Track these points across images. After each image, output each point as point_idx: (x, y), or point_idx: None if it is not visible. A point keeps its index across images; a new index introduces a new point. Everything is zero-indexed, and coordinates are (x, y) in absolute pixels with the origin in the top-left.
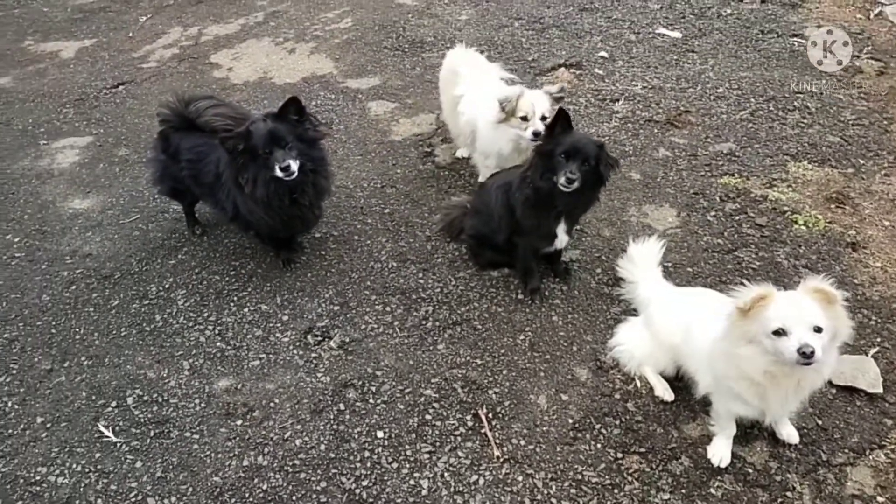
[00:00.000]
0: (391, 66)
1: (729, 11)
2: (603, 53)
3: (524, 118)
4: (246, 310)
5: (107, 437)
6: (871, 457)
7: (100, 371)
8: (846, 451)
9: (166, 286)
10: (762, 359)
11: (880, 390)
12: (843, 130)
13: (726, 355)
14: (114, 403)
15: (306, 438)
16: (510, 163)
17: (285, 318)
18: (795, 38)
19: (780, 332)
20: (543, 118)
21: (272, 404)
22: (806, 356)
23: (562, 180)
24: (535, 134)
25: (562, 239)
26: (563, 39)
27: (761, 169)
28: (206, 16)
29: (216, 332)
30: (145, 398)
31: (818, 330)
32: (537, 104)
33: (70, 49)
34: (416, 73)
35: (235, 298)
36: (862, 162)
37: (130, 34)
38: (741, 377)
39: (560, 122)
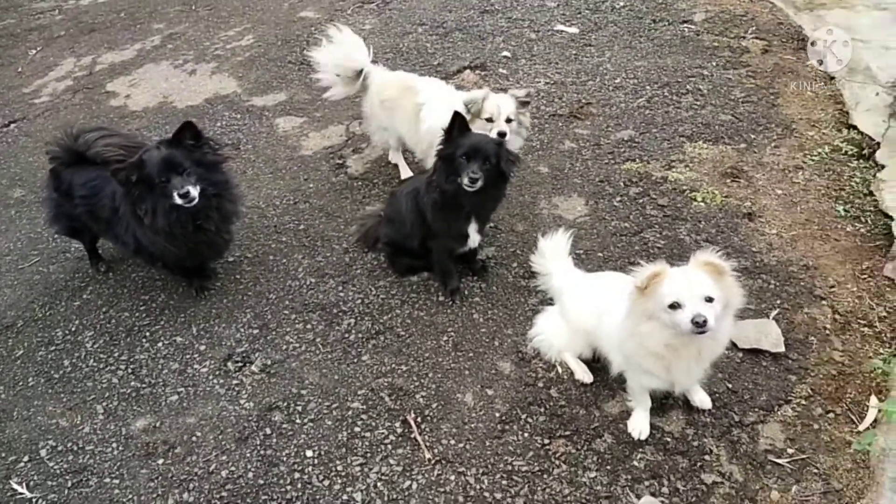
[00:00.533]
0: (297, 81)
1: (622, 4)
2: (506, 53)
3: (489, 119)
4: (160, 344)
5: (21, 493)
6: (779, 413)
7: (8, 426)
8: (756, 409)
9: (73, 329)
10: (662, 333)
11: (783, 349)
12: (733, 109)
13: (631, 333)
14: (26, 458)
15: (233, 468)
16: None
17: (202, 347)
18: (685, 25)
19: (675, 306)
20: (509, 120)
21: (194, 438)
22: (699, 325)
23: (465, 181)
24: (500, 134)
25: (474, 238)
26: (467, 42)
27: (660, 152)
28: (99, 44)
29: (129, 370)
30: (59, 448)
31: (710, 300)
32: (503, 106)
33: None
34: (322, 87)
35: (148, 334)
36: (753, 137)
37: (20, 69)
38: (646, 353)
39: (457, 124)
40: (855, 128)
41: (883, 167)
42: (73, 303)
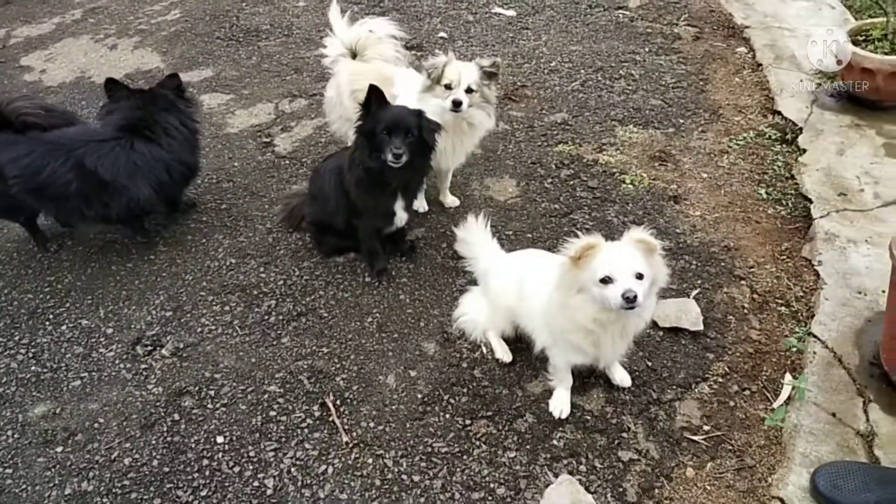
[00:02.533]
0: (225, 57)
1: None
2: (442, 34)
3: (448, 86)
4: (64, 327)
5: None
6: (696, 390)
7: None
8: (674, 387)
9: None
10: (591, 306)
11: (701, 328)
12: (664, 94)
13: (560, 306)
14: None
15: (136, 456)
16: (439, 147)
17: (110, 331)
18: (620, 11)
19: (606, 280)
20: (469, 90)
21: (96, 425)
22: (629, 301)
23: (389, 157)
24: (455, 103)
25: (401, 216)
26: (403, 22)
27: (592, 135)
28: (14, 17)
29: (30, 355)
30: None
31: (640, 277)
32: (464, 73)
33: None
34: (252, 63)
35: (52, 316)
36: (681, 121)
37: None
38: (575, 327)
39: (375, 98)
40: (779, 113)
41: (804, 151)
42: None
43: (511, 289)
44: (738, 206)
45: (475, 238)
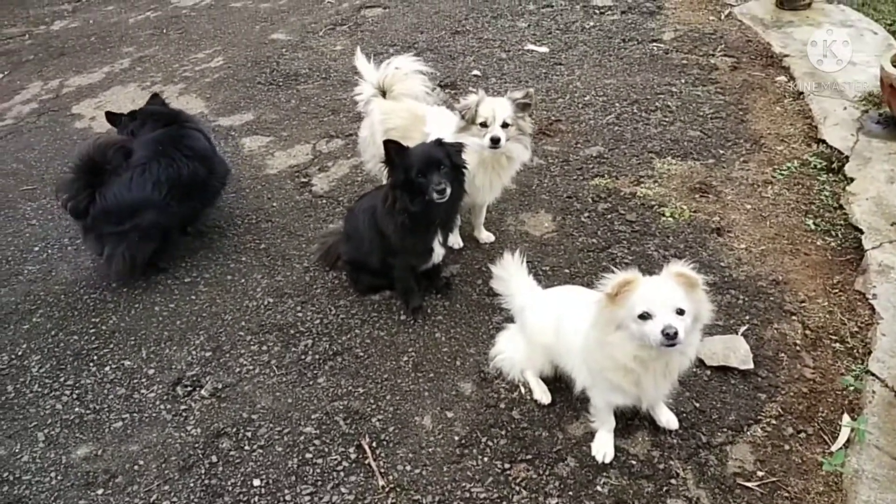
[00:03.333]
0: (265, 101)
1: (592, 24)
2: (476, 72)
3: (483, 124)
4: (107, 368)
5: None
6: (748, 433)
7: None
8: (725, 430)
9: (19, 353)
10: (630, 344)
11: (751, 366)
12: (702, 125)
13: (598, 343)
14: None
15: (174, 499)
16: (476, 183)
17: (151, 371)
18: (654, 44)
19: (645, 316)
20: (505, 125)
21: (136, 467)
22: (670, 337)
23: (434, 195)
24: (493, 140)
25: (438, 253)
26: (438, 61)
27: (629, 168)
28: (68, 68)
29: (74, 396)
30: None
31: (681, 312)
32: (498, 109)
33: None
34: (290, 106)
35: (96, 357)
36: (721, 152)
37: None
38: (614, 366)
39: (393, 150)
40: (824, 142)
41: (852, 180)
42: (22, 326)
43: (549, 326)
44: (784, 237)
45: (511, 274)
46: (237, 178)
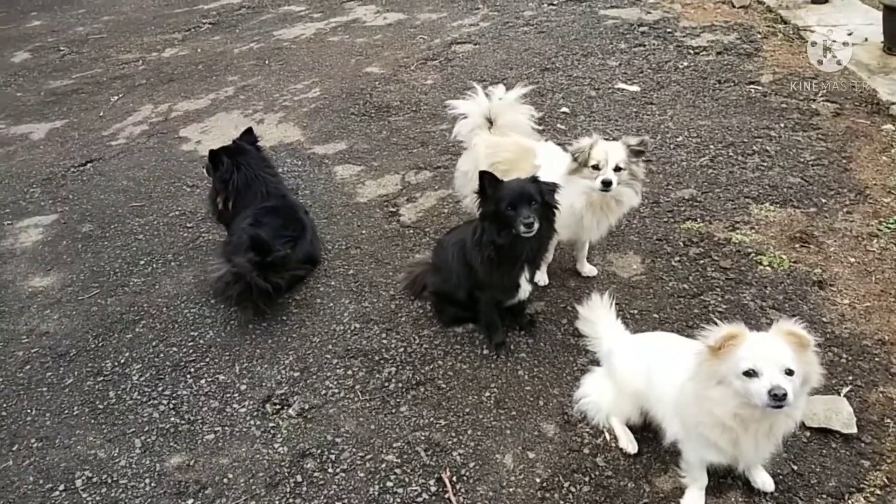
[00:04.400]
0: (357, 131)
1: (686, 64)
2: (564, 109)
3: (595, 167)
4: (203, 381)
5: None
6: (850, 502)
7: (49, 453)
8: (824, 496)
9: (122, 361)
10: (732, 401)
11: (855, 430)
12: (803, 171)
13: (696, 397)
14: (62, 487)
15: None
16: (584, 223)
17: (243, 387)
18: (751, 86)
19: (750, 374)
20: (618, 169)
21: (225, 480)
22: (777, 398)
23: (521, 228)
24: (605, 183)
25: (525, 288)
26: (526, 97)
27: (723, 212)
28: (177, 93)
29: (171, 406)
30: (94, 480)
31: (790, 373)
32: (611, 153)
33: (41, 131)
34: (382, 137)
35: (192, 370)
36: (823, 201)
37: (101, 114)
38: (712, 422)
39: (488, 181)
40: None
41: None
42: (126, 335)
43: (639, 373)
44: (891, 295)
45: (598, 316)
46: (329, 204)
